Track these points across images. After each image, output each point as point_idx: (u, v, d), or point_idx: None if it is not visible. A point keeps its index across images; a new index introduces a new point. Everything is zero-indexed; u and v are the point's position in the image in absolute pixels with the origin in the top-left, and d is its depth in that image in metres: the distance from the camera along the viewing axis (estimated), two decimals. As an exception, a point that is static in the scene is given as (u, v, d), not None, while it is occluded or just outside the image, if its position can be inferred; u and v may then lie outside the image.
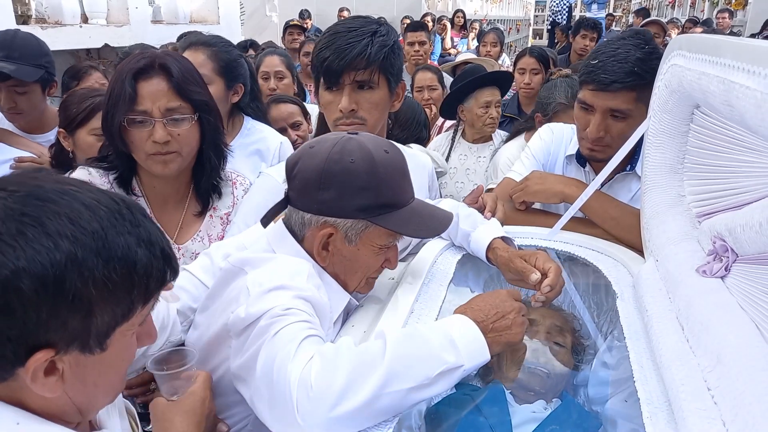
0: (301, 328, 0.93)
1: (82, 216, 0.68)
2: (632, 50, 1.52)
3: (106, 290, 0.68)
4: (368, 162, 1.05)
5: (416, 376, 0.88)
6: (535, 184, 1.66)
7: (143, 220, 0.75)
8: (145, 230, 0.73)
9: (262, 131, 2.15)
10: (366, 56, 1.36)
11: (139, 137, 1.37)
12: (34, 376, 0.68)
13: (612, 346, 1.39)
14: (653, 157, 1.37)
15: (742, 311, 0.94)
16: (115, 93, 1.36)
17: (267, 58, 3.02)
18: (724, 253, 1.03)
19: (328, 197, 1.06)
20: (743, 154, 1.06)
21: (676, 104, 1.25)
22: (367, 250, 1.12)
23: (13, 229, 0.64)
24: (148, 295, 0.75)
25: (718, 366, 0.86)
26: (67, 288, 0.65)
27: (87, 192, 0.71)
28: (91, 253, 0.67)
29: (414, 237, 1.18)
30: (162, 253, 0.75)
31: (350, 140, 1.09)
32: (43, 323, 0.65)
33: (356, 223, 1.08)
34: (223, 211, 1.58)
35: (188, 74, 1.40)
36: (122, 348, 0.76)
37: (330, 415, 0.83)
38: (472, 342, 0.95)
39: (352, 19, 1.44)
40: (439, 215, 1.17)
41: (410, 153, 1.65)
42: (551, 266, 1.24)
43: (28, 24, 3.62)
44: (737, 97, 0.81)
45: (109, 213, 0.70)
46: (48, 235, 0.65)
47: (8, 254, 0.63)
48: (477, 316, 0.99)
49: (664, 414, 0.89)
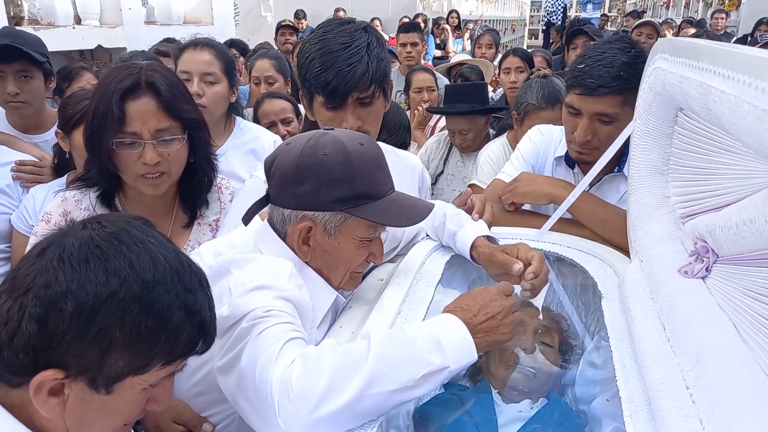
0: (283, 330, 0.93)
1: (142, 265, 0.73)
2: (618, 54, 1.53)
3: (131, 336, 0.71)
4: (342, 154, 1.06)
5: (400, 377, 0.89)
6: (523, 185, 1.68)
7: (199, 291, 0.78)
8: (194, 298, 0.77)
9: (253, 131, 2.17)
10: (369, 75, 1.37)
11: (128, 159, 1.33)
12: (38, 390, 0.70)
13: (599, 345, 1.40)
14: (639, 158, 1.38)
15: (721, 311, 0.95)
16: (100, 113, 1.30)
17: (258, 63, 3.00)
18: (705, 254, 1.05)
19: (305, 191, 1.07)
20: (724, 157, 1.07)
21: (660, 107, 1.26)
22: (348, 243, 1.12)
23: (83, 256, 0.71)
24: (171, 357, 0.76)
25: (696, 365, 0.88)
26: (97, 320, 0.70)
27: (162, 248, 0.76)
28: (132, 299, 0.71)
29: (392, 226, 1.18)
30: (200, 324, 0.78)
31: (324, 135, 1.10)
32: (65, 345, 0.69)
33: (334, 215, 1.09)
34: (212, 218, 1.57)
35: (176, 91, 1.35)
36: (127, 400, 0.76)
37: (311, 417, 0.83)
38: (459, 343, 0.95)
39: (339, 29, 1.40)
40: (419, 205, 1.17)
41: (400, 154, 1.66)
42: (533, 254, 1.25)
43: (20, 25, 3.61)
44: (714, 101, 0.83)
45: (170, 271, 0.75)
46: (105, 270, 0.71)
47: (68, 275, 0.70)
48: (465, 315, 0.99)
49: (645, 413, 0.90)
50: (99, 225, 0.76)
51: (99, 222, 0.77)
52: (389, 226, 1.17)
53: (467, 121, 2.69)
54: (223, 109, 2.06)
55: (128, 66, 1.35)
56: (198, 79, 1.97)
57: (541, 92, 2.31)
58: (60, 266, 0.71)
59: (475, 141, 2.73)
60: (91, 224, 0.77)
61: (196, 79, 1.97)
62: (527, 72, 3.54)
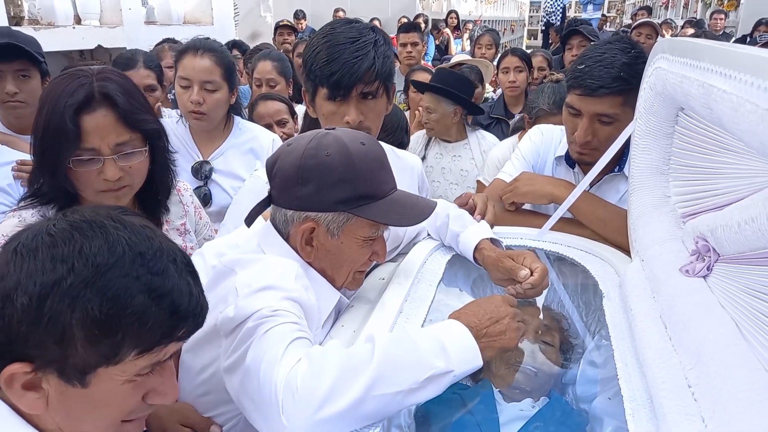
0: (289, 330, 0.93)
1: (94, 249, 0.70)
2: (618, 55, 1.53)
3: (87, 323, 0.69)
4: (344, 155, 1.06)
5: (404, 380, 0.88)
6: (524, 185, 1.68)
7: (171, 273, 0.73)
8: (162, 281, 0.72)
9: (252, 130, 2.17)
10: (374, 70, 1.37)
11: (86, 176, 1.23)
12: (8, 384, 0.70)
13: (600, 345, 1.40)
14: (640, 158, 1.39)
15: (723, 310, 0.95)
16: (51, 128, 1.18)
17: (260, 64, 2.96)
18: (706, 253, 1.05)
19: (307, 192, 1.07)
20: (725, 156, 1.08)
21: (660, 106, 1.27)
22: (351, 242, 1.12)
23: (33, 246, 0.70)
24: (144, 345, 0.72)
25: (698, 364, 0.88)
26: (46, 309, 0.68)
27: (127, 232, 0.73)
28: (82, 284, 0.68)
29: (395, 226, 1.19)
30: (172, 308, 0.72)
31: (326, 135, 1.10)
32: (23, 337, 0.69)
33: (337, 216, 1.09)
34: (178, 222, 1.53)
35: (134, 100, 1.25)
36: (111, 392, 0.74)
37: (315, 418, 0.83)
38: (463, 347, 0.95)
39: (347, 26, 1.42)
40: (421, 204, 1.17)
41: (399, 154, 1.67)
42: (538, 266, 1.26)
43: (20, 25, 3.61)
44: (715, 100, 0.83)
45: (130, 254, 0.71)
46: (52, 258, 0.69)
47: (17, 266, 0.69)
48: (470, 321, 0.99)
49: (646, 411, 0.90)
50: (62, 216, 0.74)
51: (65, 214, 0.75)
52: (392, 225, 1.17)
53: (434, 101, 2.76)
54: (223, 113, 2.07)
55: (77, 75, 1.23)
56: (198, 87, 1.96)
57: (553, 98, 2.33)
58: (12, 258, 0.70)
59: (437, 124, 2.80)
60: (56, 216, 0.75)
61: (196, 87, 1.96)
62: (526, 72, 3.55)
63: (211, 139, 2.09)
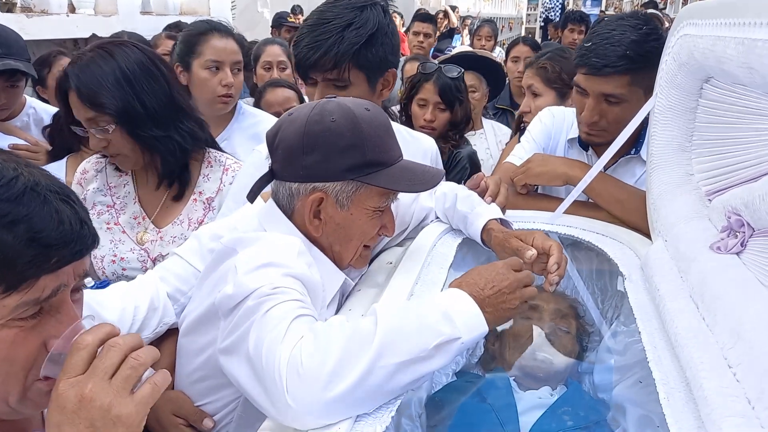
0: (291, 308, 0.88)
1: None
2: (628, 32, 1.47)
3: None
4: (350, 119, 1.01)
5: (411, 348, 0.83)
6: (537, 166, 1.62)
7: (31, 200, 0.66)
8: (15, 207, 0.65)
9: (256, 115, 2.13)
10: (333, 55, 1.30)
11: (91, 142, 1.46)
12: None
13: (618, 331, 1.34)
14: (660, 135, 1.32)
15: (762, 286, 0.89)
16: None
17: (268, 48, 2.91)
18: (740, 228, 0.99)
19: (314, 161, 1.01)
20: (757, 122, 1.01)
21: (685, 78, 1.20)
22: (361, 213, 1.07)
23: None
24: (6, 281, 0.65)
25: (738, 343, 0.82)
26: None
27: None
28: None
29: (407, 192, 1.14)
30: (29, 235, 0.65)
31: (329, 102, 1.05)
32: None
33: (346, 185, 1.03)
34: (207, 195, 1.54)
35: (92, 83, 1.36)
36: None
37: (323, 397, 0.78)
38: (467, 314, 0.90)
39: (335, 4, 1.36)
40: (431, 171, 1.12)
41: (415, 135, 1.60)
42: (551, 244, 1.19)
43: (12, 12, 3.53)
44: (759, 55, 0.77)
45: None
46: None
47: None
48: (472, 289, 0.94)
49: (682, 394, 0.84)
50: None
51: None
52: (404, 192, 1.12)
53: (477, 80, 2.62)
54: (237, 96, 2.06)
55: None
56: (229, 68, 1.96)
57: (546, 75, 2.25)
58: None
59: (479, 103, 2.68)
60: None
61: (227, 69, 1.96)
62: None
63: (216, 124, 2.04)
